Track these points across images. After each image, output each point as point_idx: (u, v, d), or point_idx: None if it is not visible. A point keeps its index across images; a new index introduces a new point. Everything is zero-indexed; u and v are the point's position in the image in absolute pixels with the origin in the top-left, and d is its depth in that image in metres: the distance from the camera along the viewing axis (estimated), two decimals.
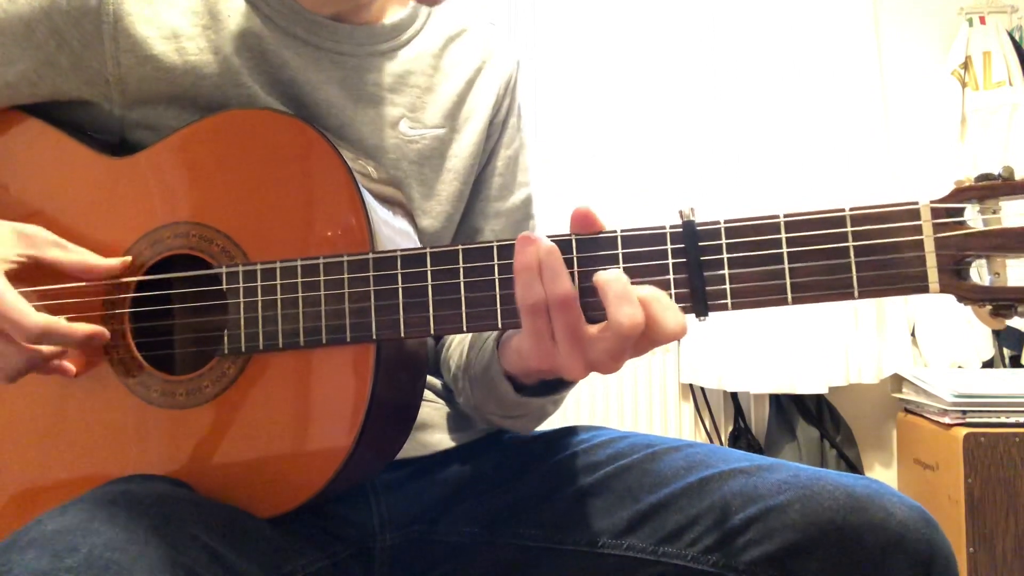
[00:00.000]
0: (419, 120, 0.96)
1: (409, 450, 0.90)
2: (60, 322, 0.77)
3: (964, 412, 2.19)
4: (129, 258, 0.82)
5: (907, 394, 2.55)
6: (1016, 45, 2.68)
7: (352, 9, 0.92)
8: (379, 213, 0.81)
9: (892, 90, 2.71)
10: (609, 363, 0.69)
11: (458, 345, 0.95)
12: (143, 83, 0.84)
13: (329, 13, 0.91)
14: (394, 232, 0.83)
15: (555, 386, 0.81)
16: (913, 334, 2.66)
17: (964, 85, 2.67)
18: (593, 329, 0.68)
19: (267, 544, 0.75)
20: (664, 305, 0.67)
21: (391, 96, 0.95)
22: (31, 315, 0.75)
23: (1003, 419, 2.15)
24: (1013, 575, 2.08)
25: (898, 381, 2.64)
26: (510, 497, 0.90)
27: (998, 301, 0.60)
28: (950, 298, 0.63)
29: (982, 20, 2.69)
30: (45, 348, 0.77)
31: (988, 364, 2.60)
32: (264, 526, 0.76)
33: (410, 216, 0.90)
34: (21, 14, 0.84)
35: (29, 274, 0.79)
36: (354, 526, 0.88)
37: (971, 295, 0.61)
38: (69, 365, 0.80)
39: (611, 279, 0.68)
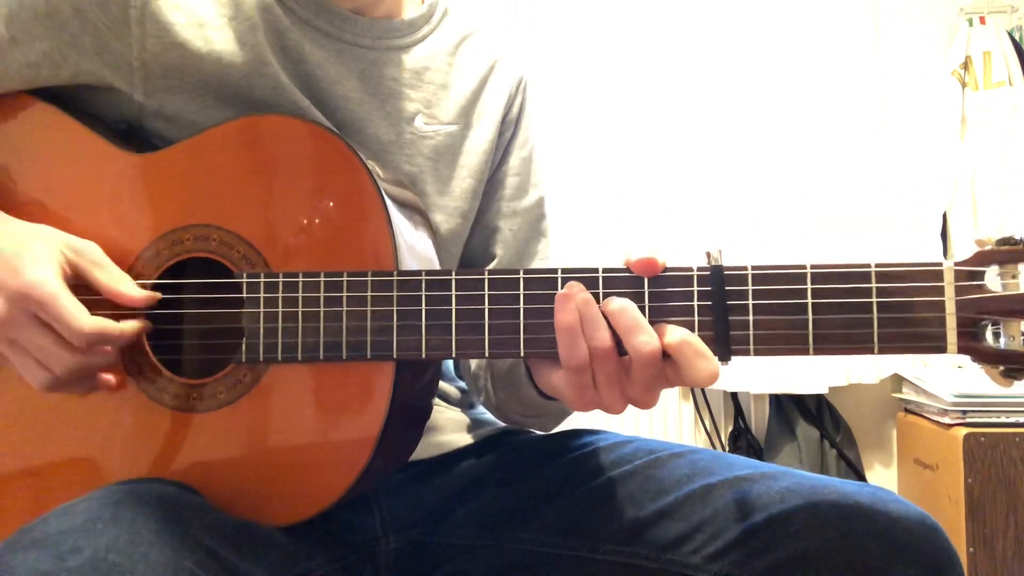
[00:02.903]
0: (434, 116, 0.97)
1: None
2: (111, 324, 0.77)
3: (964, 412, 2.20)
4: (158, 295, 0.81)
5: (907, 394, 2.56)
6: (1016, 45, 2.68)
7: (371, 2, 0.93)
8: (403, 227, 0.81)
9: (892, 90, 2.71)
10: (645, 396, 0.71)
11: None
12: (167, 70, 0.84)
13: (350, 6, 0.92)
14: (416, 247, 0.83)
15: None
16: None
17: (964, 85, 2.67)
18: (625, 368, 0.70)
19: (274, 548, 0.75)
20: (695, 351, 0.69)
21: (407, 91, 0.95)
22: (87, 320, 0.75)
23: (1003, 419, 2.16)
24: (1013, 575, 2.10)
25: (898, 381, 2.65)
26: (512, 500, 0.90)
27: (1011, 365, 0.61)
28: None
29: (982, 20, 2.69)
30: (92, 357, 0.77)
31: None
32: (270, 530, 0.76)
33: (427, 221, 0.90)
34: None
35: (75, 286, 0.78)
36: (357, 530, 0.88)
37: (987, 357, 0.62)
38: (110, 377, 0.80)
39: (618, 310, 0.70)
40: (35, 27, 0.84)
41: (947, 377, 2.38)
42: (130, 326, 0.78)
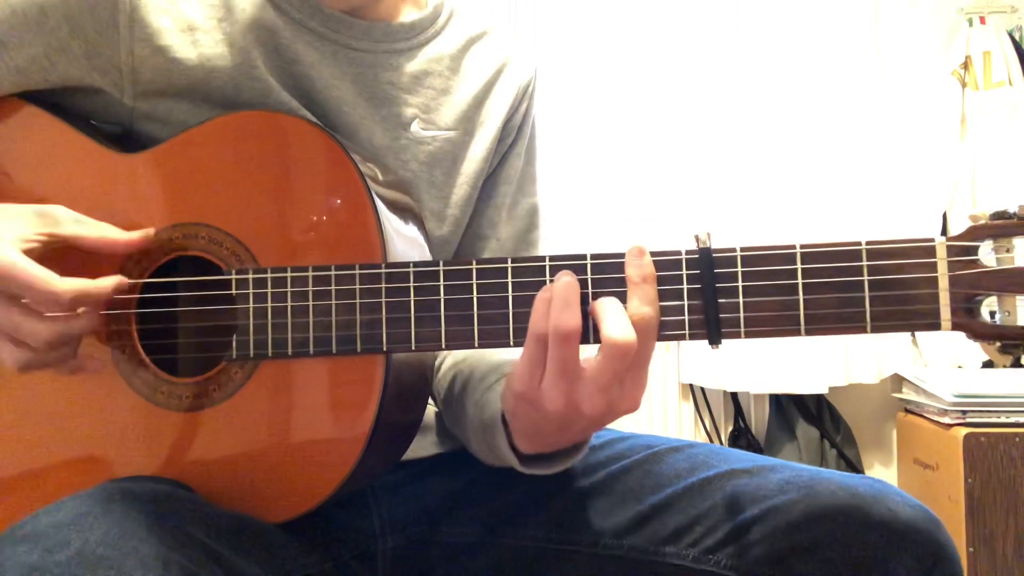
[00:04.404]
0: (432, 121, 0.96)
1: (409, 451, 0.91)
2: (88, 281, 0.75)
3: (964, 412, 2.19)
4: (152, 230, 0.80)
5: (907, 394, 2.55)
6: (1016, 45, 2.68)
7: (366, 4, 0.92)
8: (391, 222, 0.81)
9: (892, 90, 2.71)
10: (595, 395, 0.68)
11: (449, 370, 0.94)
12: (156, 74, 0.84)
13: (344, 7, 0.91)
14: (406, 242, 0.83)
15: (555, 457, 0.81)
16: (913, 334, 2.67)
17: (964, 85, 2.67)
18: (584, 364, 0.69)
19: (268, 545, 0.75)
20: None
21: (405, 96, 0.94)
22: (61, 281, 0.73)
23: (1003, 419, 2.15)
24: (1013, 575, 2.09)
25: (898, 381, 2.64)
26: (511, 498, 0.90)
27: (1007, 340, 0.61)
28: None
29: (982, 20, 2.69)
30: (73, 323, 0.76)
31: (988, 364, 2.61)
32: (266, 528, 0.76)
33: (420, 222, 0.90)
34: None
35: (49, 255, 0.77)
36: (355, 528, 0.88)
37: (982, 333, 0.62)
38: (96, 359, 0.79)
39: (607, 300, 0.69)
40: (25, 33, 0.84)
41: (947, 377, 2.37)
42: (110, 281, 0.77)
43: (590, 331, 0.70)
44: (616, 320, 0.67)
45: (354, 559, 0.87)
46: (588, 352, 0.71)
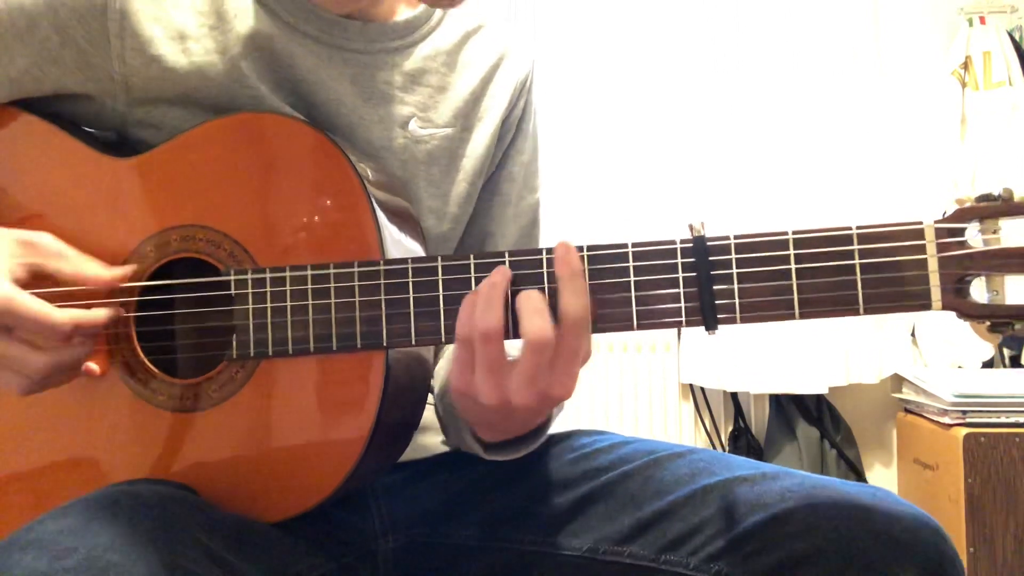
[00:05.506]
0: (429, 119, 0.95)
1: (409, 452, 0.90)
2: (84, 312, 0.77)
3: (964, 412, 2.20)
4: (131, 267, 0.81)
5: (907, 394, 2.56)
6: (1016, 45, 2.69)
7: (362, 6, 0.92)
8: (388, 218, 0.81)
9: (892, 90, 2.71)
10: (523, 387, 0.69)
11: (443, 366, 0.95)
12: (148, 82, 0.84)
13: (339, 11, 0.91)
14: (402, 237, 0.83)
15: (518, 442, 0.82)
16: (913, 334, 2.68)
17: (964, 85, 2.68)
18: (511, 358, 0.70)
19: (271, 548, 0.75)
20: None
21: (402, 95, 0.94)
22: (57, 313, 0.74)
23: (1003, 419, 2.16)
24: (1013, 575, 2.09)
25: (898, 381, 2.65)
26: (510, 500, 0.89)
27: (996, 318, 0.62)
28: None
29: (982, 20, 2.70)
30: (69, 352, 0.77)
31: (988, 364, 2.61)
32: (268, 530, 0.76)
33: (415, 219, 0.90)
34: (25, 9, 0.83)
35: (33, 283, 0.78)
36: (356, 530, 0.88)
37: (972, 313, 0.63)
38: (94, 365, 0.79)
39: (525, 296, 0.70)
40: (15, 44, 0.84)
41: (947, 377, 2.37)
42: (103, 312, 0.78)
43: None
44: (531, 317, 0.69)
45: (355, 560, 0.86)
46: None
